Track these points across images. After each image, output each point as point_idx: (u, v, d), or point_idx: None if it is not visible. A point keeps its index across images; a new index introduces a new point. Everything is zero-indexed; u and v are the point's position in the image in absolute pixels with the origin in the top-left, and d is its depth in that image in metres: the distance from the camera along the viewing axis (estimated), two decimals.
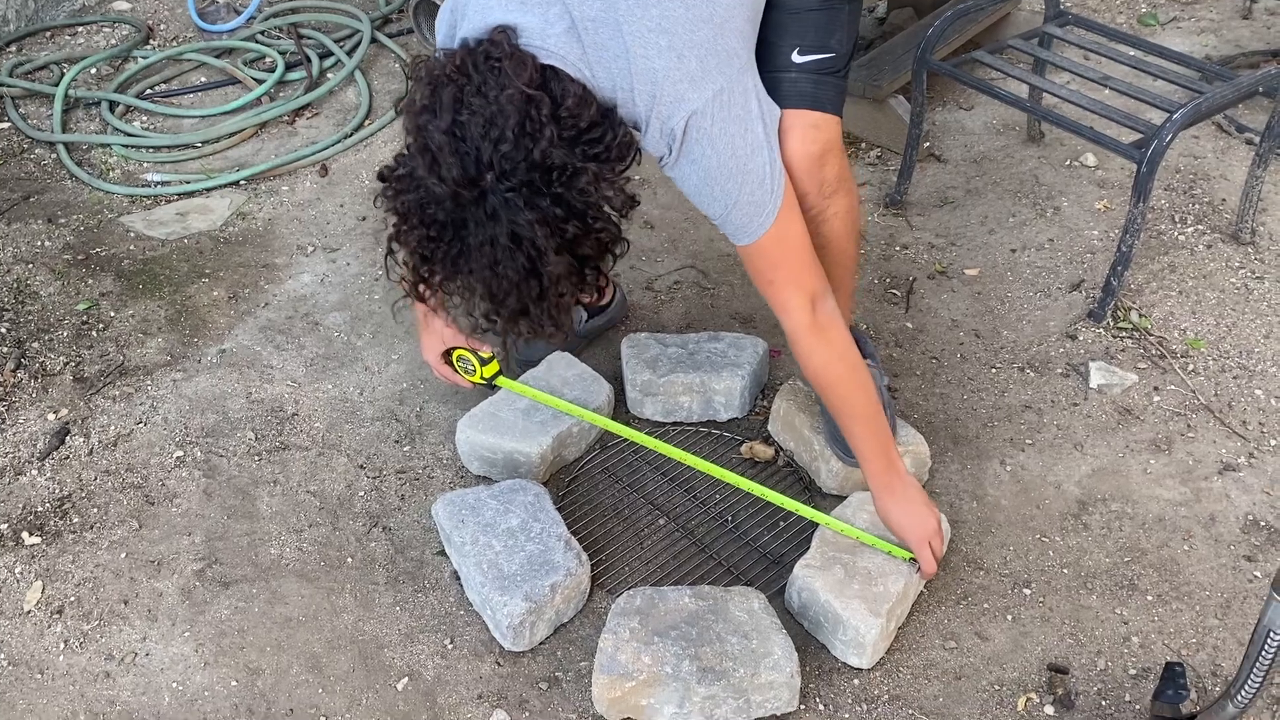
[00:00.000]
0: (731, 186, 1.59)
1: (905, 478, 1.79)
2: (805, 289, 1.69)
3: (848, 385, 1.74)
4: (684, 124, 1.54)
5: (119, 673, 1.80)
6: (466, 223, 1.45)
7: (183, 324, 2.55)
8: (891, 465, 1.77)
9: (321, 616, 1.88)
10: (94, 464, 2.17)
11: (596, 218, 1.49)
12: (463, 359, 2.11)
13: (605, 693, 1.67)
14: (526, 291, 1.49)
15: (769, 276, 1.70)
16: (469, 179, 1.42)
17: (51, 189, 3.09)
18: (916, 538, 1.75)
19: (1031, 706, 1.73)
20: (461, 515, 1.90)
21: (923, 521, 1.75)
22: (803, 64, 1.70)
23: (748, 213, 1.62)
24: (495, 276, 1.47)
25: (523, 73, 1.44)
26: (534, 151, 1.42)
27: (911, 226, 2.81)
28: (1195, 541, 1.98)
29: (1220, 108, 2.34)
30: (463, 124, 1.42)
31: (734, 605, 1.75)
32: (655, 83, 1.52)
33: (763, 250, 1.67)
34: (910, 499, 1.77)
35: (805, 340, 1.71)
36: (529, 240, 1.44)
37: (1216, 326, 2.43)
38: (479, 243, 1.46)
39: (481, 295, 1.51)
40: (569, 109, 1.46)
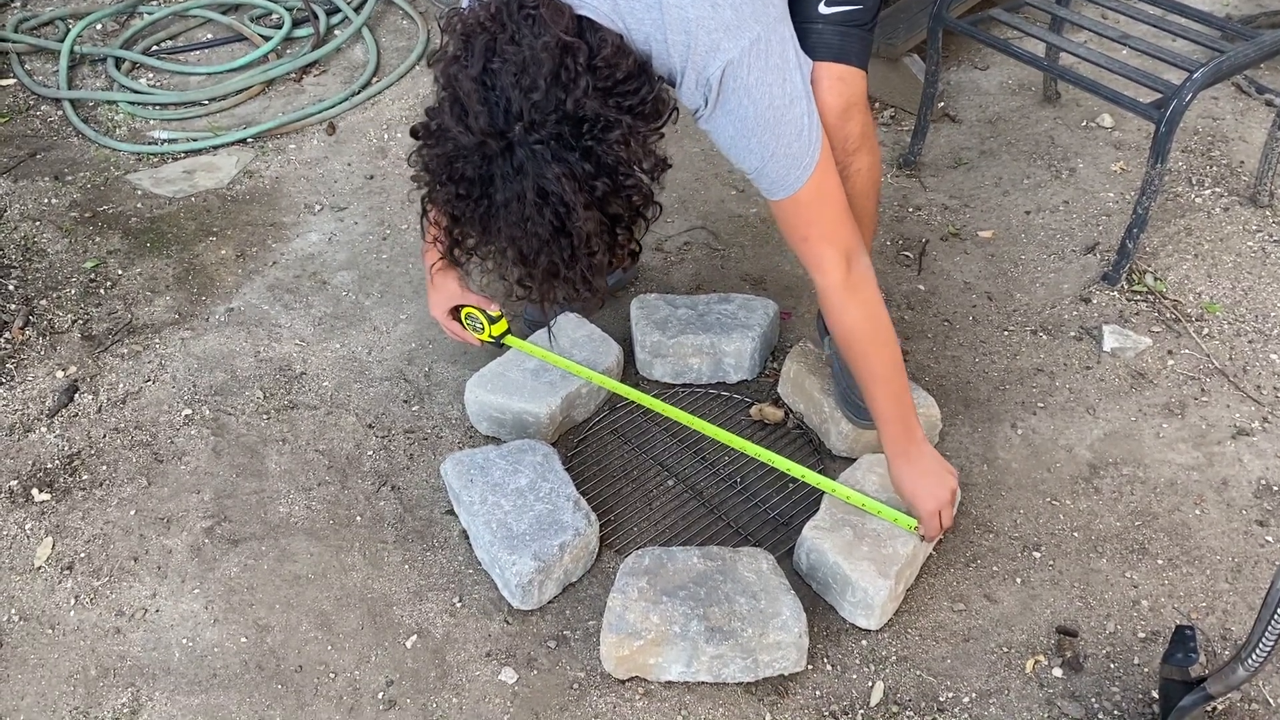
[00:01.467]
0: (769, 138, 1.56)
1: (922, 444, 1.77)
2: (840, 245, 1.65)
3: (874, 346, 1.71)
4: (720, 74, 1.50)
5: (129, 628, 1.81)
6: (494, 178, 1.43)
7: (190, 282, 2.54)
8: (909, 431, 1.75)
9: (330, 574, 1.88)
10: (103, 421, 2.17)
11: (627, 175, 1.46)
12: (471, 317, 2.09)
13: (613, 651, 1.67)
14: (557, 251, 1.46)
15: (804, 233, 1.66)
16: (497, 130, 1.39)
17: (58, 146, 3.07)
18: (927, 509, 1.74)
19: (1040, 669, 1.73)
20: (470, 475, 1.89)
21: (935, 492, 1.74)
22: (829, 15, 1.67)
23: (785, 165, 1.59)
24: (525, 235, 1.44)
25: (560, 20, 1.40)
26: (566, 101, 1.38)
27: (925, 188, 2.78)
28: (1207, 506, 1.97)
29: (1241, 67, 2.29)
30: (494, 71, 1.39)
31: (743, 566, 1.75)
32: (689, 32, 1.48)
33: (799, 205, 1.63)
34: (926, 468, 1.76)
35: (838, 298, 1.68)
36: (556, 195, 1.41)
37: (1233, 290, 2.41)
38: (506, 199, 1.43)
39: (513, 258, 1.49)
40: (605, 59, 1.42)
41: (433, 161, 1.48)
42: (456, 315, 2.11)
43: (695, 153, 2.92)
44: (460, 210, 1.49)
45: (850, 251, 1.65)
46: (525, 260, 1.49)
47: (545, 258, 1.47)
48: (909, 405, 1.75)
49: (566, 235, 1.45)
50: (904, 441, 1.75)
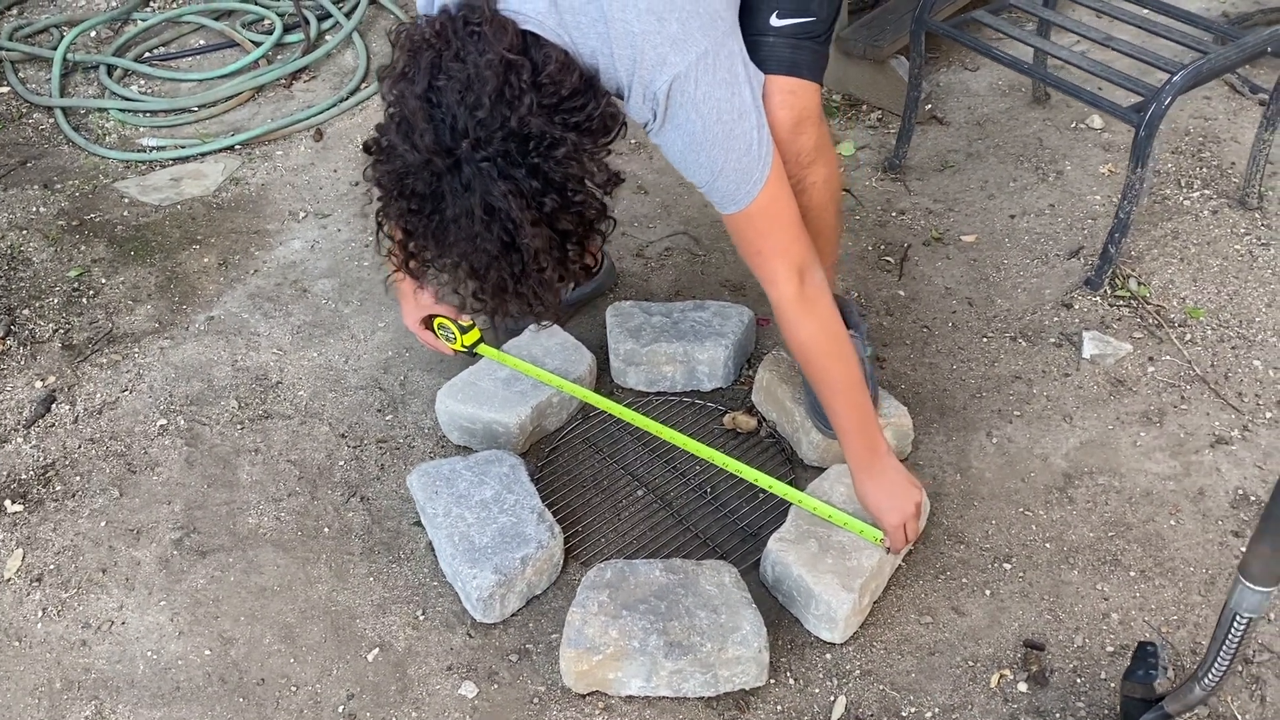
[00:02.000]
0: (718, 153, 1.55)
1: (886, 456, 1.75)
2: (793, 260, 1.65)
3: (831, 360, 1.71)
4: (667, 88, 1.49)
5: (95, 641, 1.82)
6: (444, 194, 1.43)
7: (172, 291, 2.55)
8: (872, 443, 1.74)
9: (296, 586, 1.88)
10: (78, 432, 2.18)
11: (576, 191, 1.46)
12: (444, 327, 2.10)
13: (572, 666, 1.66)
14: (506, 266, 1.46)
15: (756, 246, 1.66)
16: (443, 147, 1.39)
17: (49, 154, 3.09)
18: (891, 523, 1.72)
19: (1005, 683, 1.71)
20: (436, 486, 1.89)
21: (899, 505, 1.72)
22: (781, 27, 1.65)
23: (735, 180, 1.58)
24: (475, 250, 1.45)
25: (503, 37, 1.40)
26: (511, 119, 1.38)
27: (909, 191, 2.75)
28: (1182, 516, 1.94)
29: (1225, 69, 2.26)
30: (439, 89, 1.40)
31: (705, 579, 1.74)
32: (635, 46, 1.48)
33: (750, 219, 1.62)
34: (890, 480, 1.74)
35: (791, 313, 1.68)
36: (503, 212, 1.41)
37: (1218, 295, 2.37)
38: (456, 215, 1.43)
39: (465, 273, 1.49)
40: (550, 75, 1.42)
41: (384, 178, 1.48)
42: (430, 325, 2.11)
43: None
44: (413, 225, 1.49)
45: (803, 266, 1.64)
46: (476, 275, 1.49)
47: (495, 273, 1.48)
48: (871, 418, 1.74)
49: (516, 251, 1.45)
50: (867, 455, 1.73)
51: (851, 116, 3.04)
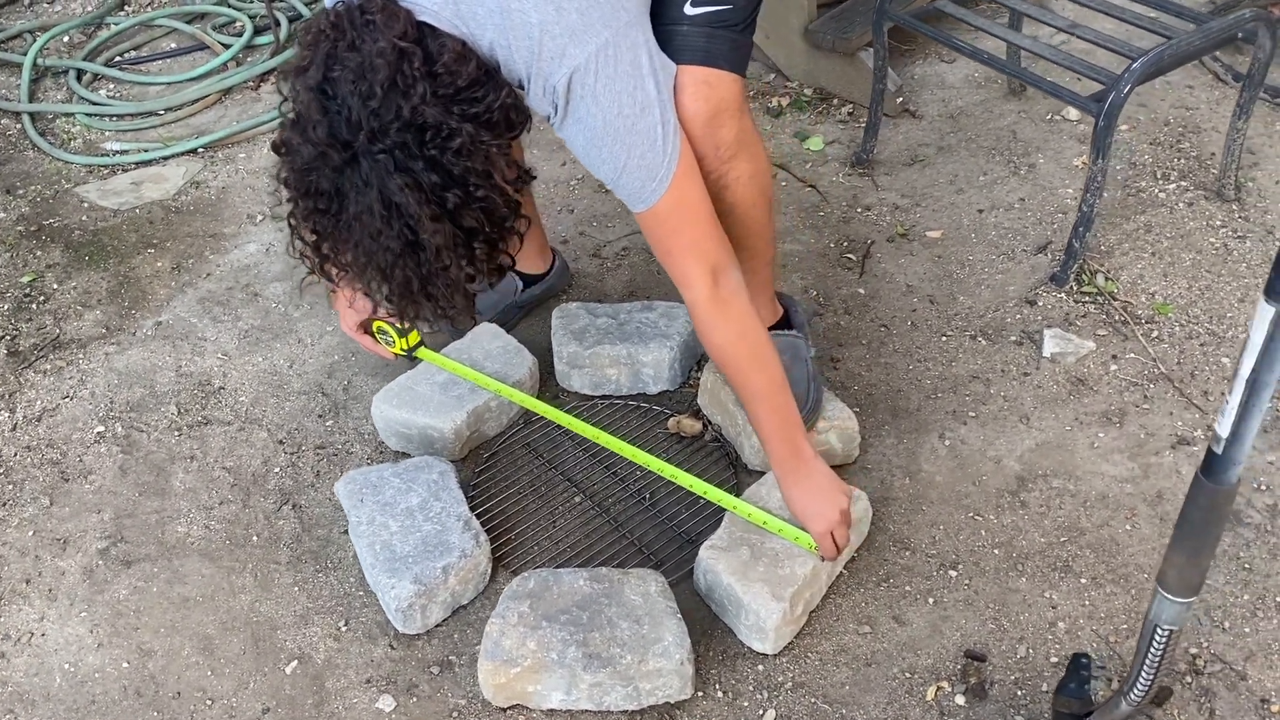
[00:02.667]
0: (620, 149, 1.50)
1: (810, 461, 1.69)
2: (706, 259, 1.59)
3: (749, 364, 1.65)
4: (567, 81, 1.45)
5: (14, 653, 1.78)
6: (345, 191, 1.40)
7: (123, 296, 2.52)
8: (795, 449, 1.68)
9: (219, 597, 1.84)
10: (15, 440, 2.15)
11: (479, 186, 1.42)
12: (383, 331, 2.05)
13: (490, 679, 1.61)
14: (411, 265, 1.43)
15: (667, 246, 1.61)
16: (339, 140, 1.36)
17: (14, 160, 3.07)
18: (817, 530, 1.66)
19: (942, 696, 1.64)
20: (361, 494, 1.84)
21: (824, 512, 1.66)
22: (695, 16, 1.59)
23: (640, 177, 1.53)
24: (379, 249, 1.42)
25: (395, 25, 1.37)
26: (404, 109, 1.35)
27: (877, 186, 2.69)
28: (1139, 520, 1.86)
29: (1189, 56, 2.18)
30: (333, 80, 1.37)
31: (630, 588, 1.68)
32: (533, 38, 1.43)
33: (659, 217, 1.57)
34: (816, 485, 1.68)
35: (705, 315, 1.62)
36: (403, 207, 1.38)
37: (1189, 290, 2.29)
38: (358, 212, 1.40)
39: (374, 273, 1.46)
40: (445, 65, 1.39)
41: (289, 177, 1.45)
42: (369, 330, 2.07)
43: None
44: (320, 226, 1.46)
45: (717, 266, 1.58)
46: (384, 275, 1.46)
47: (400, 272, 1.44)
48: (795, 421, 1.68)
49: (419, 249, 1.42)
50: (792, 460, 1.67)
51: (822, 111, 2.97)
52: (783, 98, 3.03)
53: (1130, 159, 2.67)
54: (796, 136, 2.88)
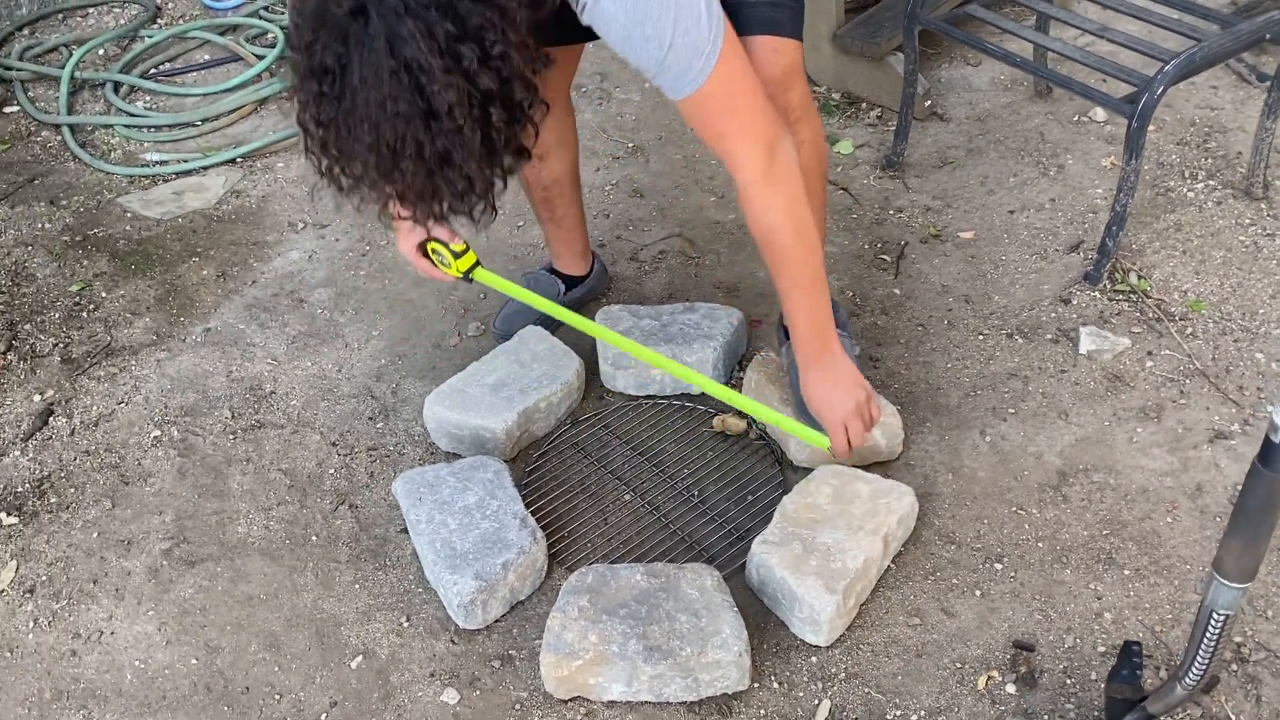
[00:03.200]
0: (665, 25, 1.42)
1: (836, 354, 1.68)
2: (761, 137, 1.55)
3: (795, 246, 1.63)
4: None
5: (85, 651, 1.83)
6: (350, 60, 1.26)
7: (171, 303, 2.57)
8: (823, 339, 1.67)
9: (282, 595, 1.88)
10: (74, 444, 2.20)
11: (496, 43, 1.29)
12: (437, 252, 1.96)
13: (552, 671, 1.65)
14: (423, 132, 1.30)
15: (719, 129, 1.56)
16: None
17: (56, 171, 3.12)
18: (832, 419, 1.66)
19: (993, 685, 1.68)
20: (419, 493, 1.89)
21: (840, 402, 1.66)
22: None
23: (686, 56, 1.45)
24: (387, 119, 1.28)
25: None
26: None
27: (908, 189, 2.73)
28: (1179, 513, 1.90)
29: (1220, 57, 2.22)
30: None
31: (686, 583, 1.73)
32: None
33: (708, 99, 1.51)
34: (837, 376, 1.67)
35: (759, 195, 1.59)
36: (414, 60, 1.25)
37: (1220, 287, 2.33)
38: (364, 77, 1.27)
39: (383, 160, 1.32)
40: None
41: (296, 64, 1.32)
42: (425, 252, 1.98)
43: (677, 159, 2.90)
44: (324, 113, 1.32)
45: (772, 142, 1.55)
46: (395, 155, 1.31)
47: (411, 144, 1.31)
48: (827, 314, 1.68)
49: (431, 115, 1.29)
50: (818, 348, 1.67)
51: (850, 115, 3.02)
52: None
53: (1158, 159, 2.71)
54: (827, 141, 2.92)
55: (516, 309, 2.30)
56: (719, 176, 2.81)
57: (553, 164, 2.14)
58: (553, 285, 2.34)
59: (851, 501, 1.82)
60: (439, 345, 2.38)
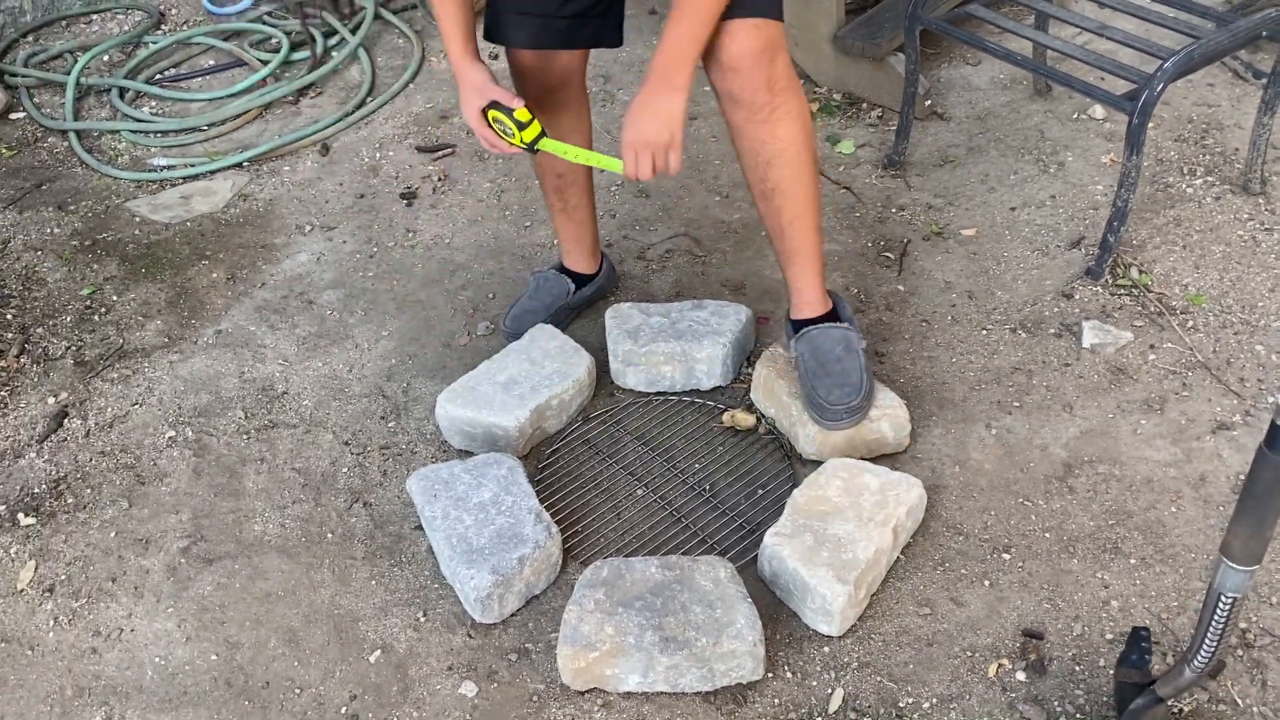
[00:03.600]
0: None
1: (675, 94, 1.71)
2: None
3: None
4: None
5: (105, 648, 1.85)
6: None
7: (181, 306, 2.59)
8: (669, 78, 1.70)
9: (300, 591, 1.91)
10: (90, 445, 2.22)
11: None
12: (498, 121, 1.93)
13: (569, 664, 1.68)
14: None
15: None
16: None
17: (63, 176, 3.15)
18: (628, 140, 1.74)
19: (1003, 672, 1.71)
20: (434, 490, 1.91)
21: (644, 129, 1.72)
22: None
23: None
24: None
25: None
26: None
27: (910, 187, 2.76)
28: (1184, 503, 1.93)
29: (1219, 54, 2.25)
30: None
31: (700, 575, 1.75)
32: None
33: None
34: (657, 109, 1.72)
35: None
36: None
37: (1220, 281, 2.36)
38: None
39: None
40: None
41: None
42: (487, 118, 1.95)
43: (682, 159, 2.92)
44: None
45: None
46: None
47: None
48: (694, 53, 1.71)
49: None
50: (663, 79, 1.71)
51: (851, 115, 3.05)
52: (812, 103, 3.10)
53: (1156, 155, 2.74)
54: (828, 140, 2.95)
55: (526, 308, 2.33)
56: (723, 176, 2.84)
57: None
58: (563, 285, 2.36)
59: (861, 494, 1.85)
60: (449, 344, 2.41)
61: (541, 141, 1.94)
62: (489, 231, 2.74)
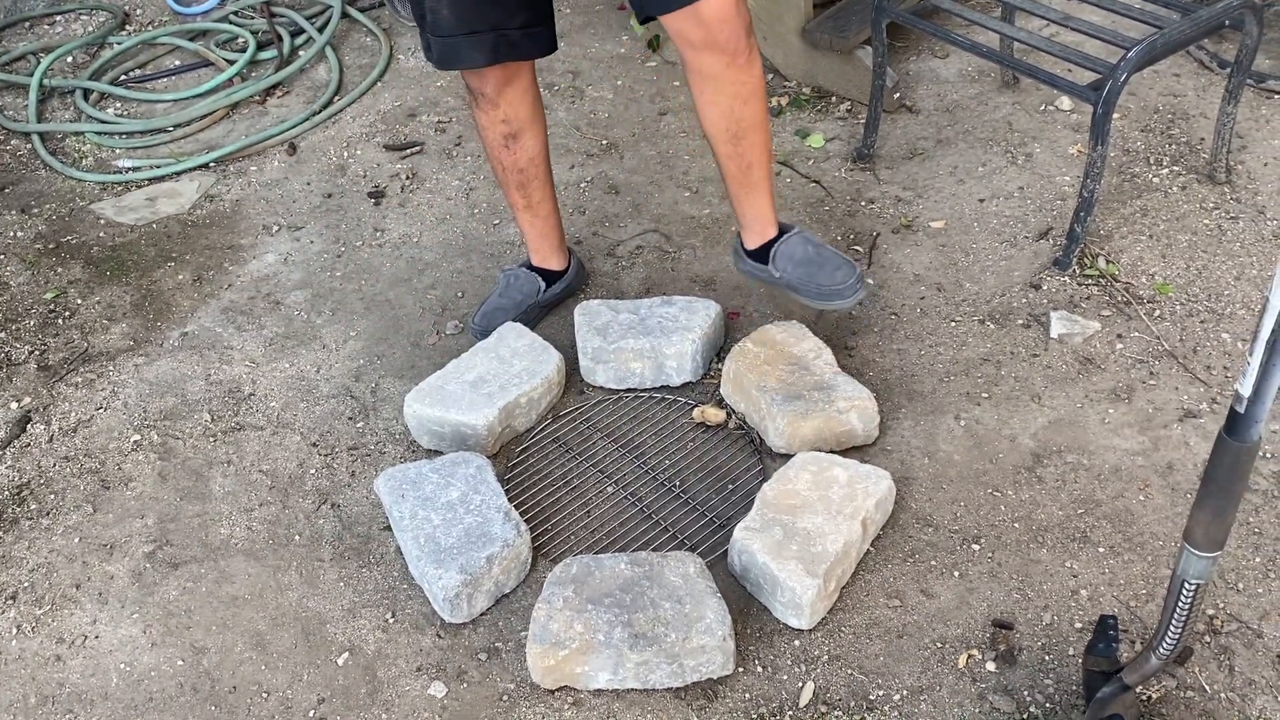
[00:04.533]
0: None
1: None
2: None
3: None
4: None
5: (69, 655, 1.83)
6: None
7: (147, 309, 2.57)
8: None
9: (267, 594, 1.89)
10: (53, 451, 2.20)
11: None
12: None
13: (539, 662, 1.67)
14: None
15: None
16: None
17: (26, 179, 3.11)
18: None
19: (973, 663, 1.71)
20: (402, 490, 1.90)
21: None
22: None
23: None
24: None
25: None
26: None
27: (879, 180, 2.76)
28: (1151, 491, 1.94)
29: (1181, 43, 2.26)
30: None
31: (669, 570, 1.74)
32: None
33: None
34: None
35: None
36: None
37: (1187, 270, 2.37)
38: None
39: None
40: None
41: None
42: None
43: (650, 155, 2.92)
44: None
45: None
46: None
47: None
48: None
49: None
50: None
51: (821, 109, 3.05)
52: (782, 97, 3.10)
53: (1123, 146, 2.75)
54: (797, 134, 2.95)
55: (497, 305, 2.32)
56: (693, 172, 2.83)
57: (527, 142, 2.18)
58: (533, 282, 2.35)
59: (830, 487, 1.85)
60: (417, 344, 2.39)
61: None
62: (457, 230, 2.72)
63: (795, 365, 2.08)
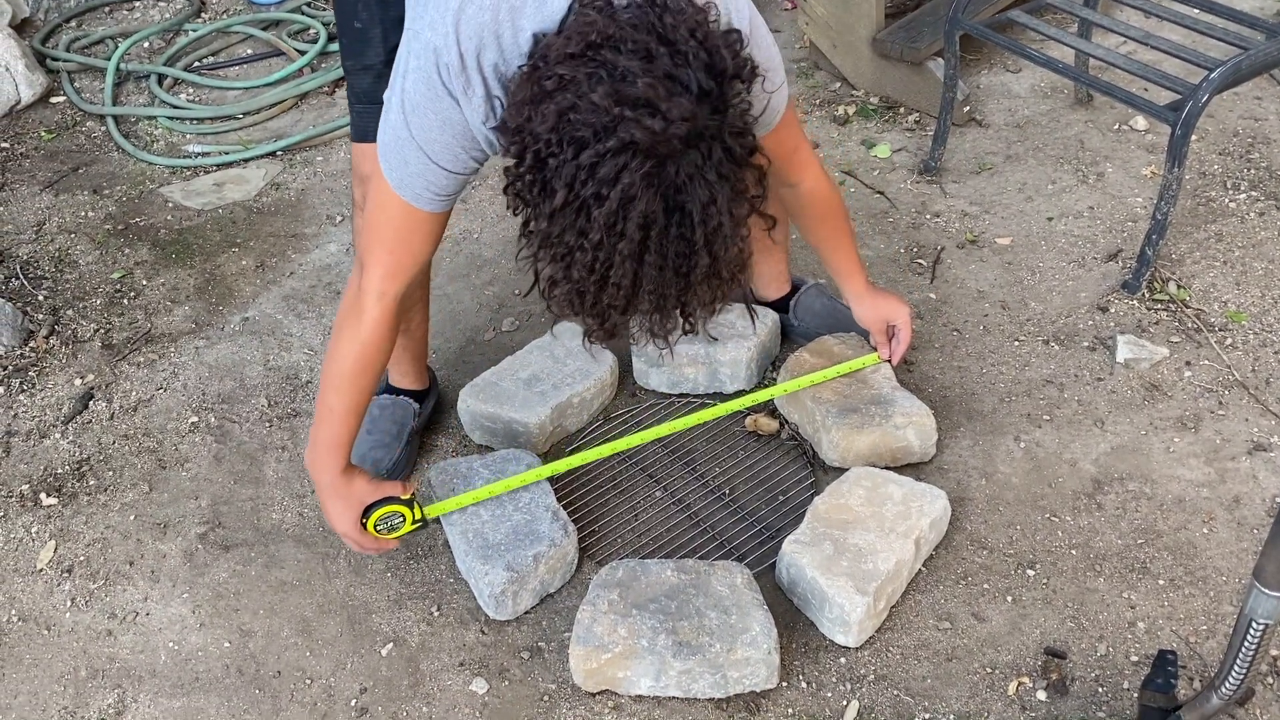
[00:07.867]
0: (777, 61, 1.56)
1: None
2: None
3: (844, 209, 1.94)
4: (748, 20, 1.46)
5: (120, 631, 1.85)
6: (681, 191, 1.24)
7: (210, 293, 2.60)
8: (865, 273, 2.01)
9: (315, 581, 1.90)
10: (114, 428, 2.23)
11: None
12: (385, 519, 1.74)
13: (581, 664, 1.66)
14: None
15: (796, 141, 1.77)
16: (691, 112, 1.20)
17: (100, 161, 3.17)
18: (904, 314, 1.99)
19: (1023, 691, 1.67)
20: (453, 484, 1.90)
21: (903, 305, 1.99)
22: None
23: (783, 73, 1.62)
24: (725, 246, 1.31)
25: None
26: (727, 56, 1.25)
27: (945, 194, 2.72)
28: (1216, 524, 1.88)
29: (1265, 66, 2.20)
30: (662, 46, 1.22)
31: (716, 580, 1.73)
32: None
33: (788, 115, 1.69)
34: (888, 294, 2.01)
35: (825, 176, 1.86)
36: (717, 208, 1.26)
37: (1261, 298, 2.31)
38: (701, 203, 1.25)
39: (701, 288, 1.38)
40: None
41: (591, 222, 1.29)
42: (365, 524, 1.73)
43: None
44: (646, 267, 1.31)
45: None
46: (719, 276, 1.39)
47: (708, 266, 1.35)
48: None
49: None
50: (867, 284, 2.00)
51: (888, 119, 3.01)
52: (849, 106, 3.07)
53: (1200, 169, 2.68)
54: (864, 144, 2.92)
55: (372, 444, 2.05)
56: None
57: None
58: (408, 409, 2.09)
59: (884, 504, 1.82)
60: (473, 340, 2.39)
61: (429, 508, 1.81)
62: (517, 228, 2.72)
63: (852, 378, 2.06)
